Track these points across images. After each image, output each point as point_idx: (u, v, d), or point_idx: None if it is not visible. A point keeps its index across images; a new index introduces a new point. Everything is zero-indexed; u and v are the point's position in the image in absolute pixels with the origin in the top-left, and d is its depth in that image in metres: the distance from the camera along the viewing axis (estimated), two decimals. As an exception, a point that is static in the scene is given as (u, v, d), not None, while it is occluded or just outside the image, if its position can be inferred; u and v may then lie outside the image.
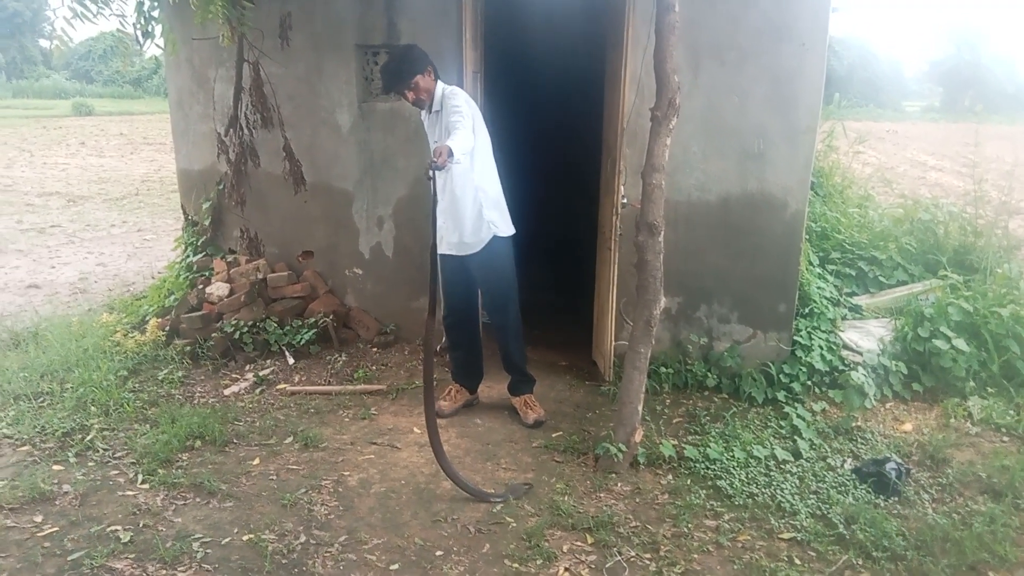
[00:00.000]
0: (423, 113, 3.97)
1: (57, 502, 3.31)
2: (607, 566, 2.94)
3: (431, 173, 3.26)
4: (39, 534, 3.08)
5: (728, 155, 4.42)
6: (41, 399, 4.24)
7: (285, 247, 5.40)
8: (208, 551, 3.00)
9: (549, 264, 6.97)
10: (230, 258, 5.46)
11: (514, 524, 3.21)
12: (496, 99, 5.38)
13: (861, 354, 4.43)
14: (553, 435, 4.01)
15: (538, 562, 2.96)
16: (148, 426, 3.98)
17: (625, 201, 4.31)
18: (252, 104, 5.06)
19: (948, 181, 12.83)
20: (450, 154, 3.28)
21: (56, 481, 3.45)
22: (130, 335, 5.01)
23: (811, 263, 5.09)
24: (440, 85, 3.83)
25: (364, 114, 4.96)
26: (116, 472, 3.57)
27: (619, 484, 3.53)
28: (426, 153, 4.60)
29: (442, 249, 3.97)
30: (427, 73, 3.78)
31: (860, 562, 2.97)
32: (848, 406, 4.22)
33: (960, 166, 15.26)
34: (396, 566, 2.94)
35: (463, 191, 3.85)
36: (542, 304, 6.09)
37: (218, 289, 5.10)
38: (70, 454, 3.69)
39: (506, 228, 3.99)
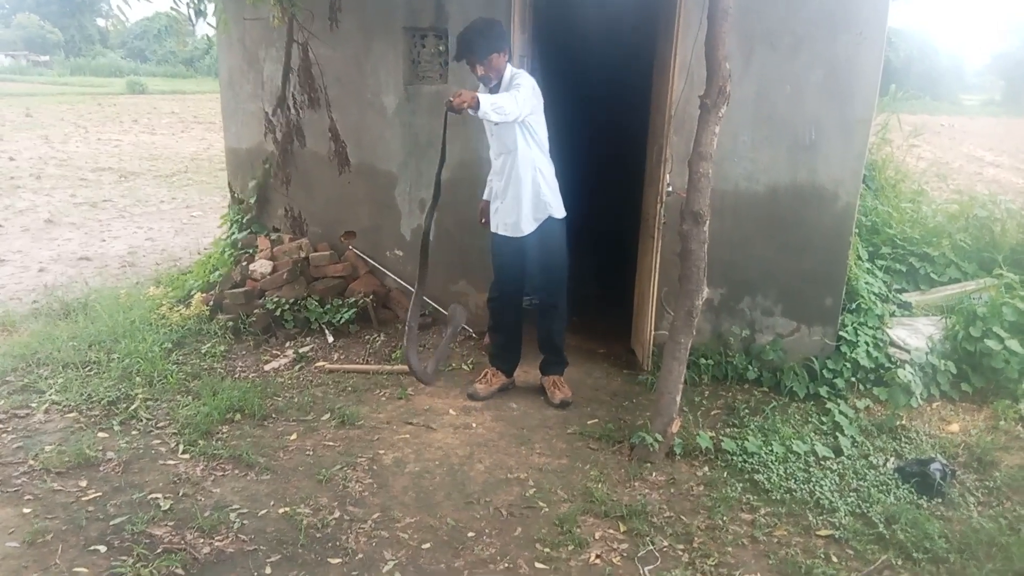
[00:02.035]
0: (482, 92, 3.92)
1: (101, 468, 3.40)
2: (639, 555, 2.92)
3: (446, 114, 3.25)
4: (83, 498, 3.16)
5: (778, 145, 4.32)
6: (88, 368, 4.35)
7: (328, 227, 5.44)
8: (245, 522, 3.05)
9: (591, 252, 6.92)
10: (274, 236, 5.53)
11: (546, 509, 3.21)
12: (544, 84, 5.33)
13: (909, 352, 4.32)
14: (588, 422, 3.99)
15: (570, 548, 2.95)
16: (190, 398, 4.06)
17: (670, 189, 4.25)
18: (300, 85, 5.10)
19: (1006, 177, 12.42)
20: (477, 105, 3.26)
21: (101, 448, 3.55)
22: (175, 309, 5.11)
23: (860, 258, 4.97)
24: (509, 68, 3.81)
25: (410, 96, 4.96)
26: (158, 441, 3.65)
27: (654, 474, 3.50)
28: (470, 137, 4.61)
29: (498, 230, 4.01)
30: (503, 53, 3.75)
31: (899, 563, 2.90)
32: (893, 404, 4.11)
33: (1020, 162, 14.78)
34: (428, 545, 2.95)
35: (524, 172, 3.86)
36: (582, 291, 6.06)
37: (261, 266, 5.17)
38: (115, 422, 3.79)
39: (560, 210, 4.02)
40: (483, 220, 4.23)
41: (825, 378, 4.29)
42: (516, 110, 3.54)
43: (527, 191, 3.90)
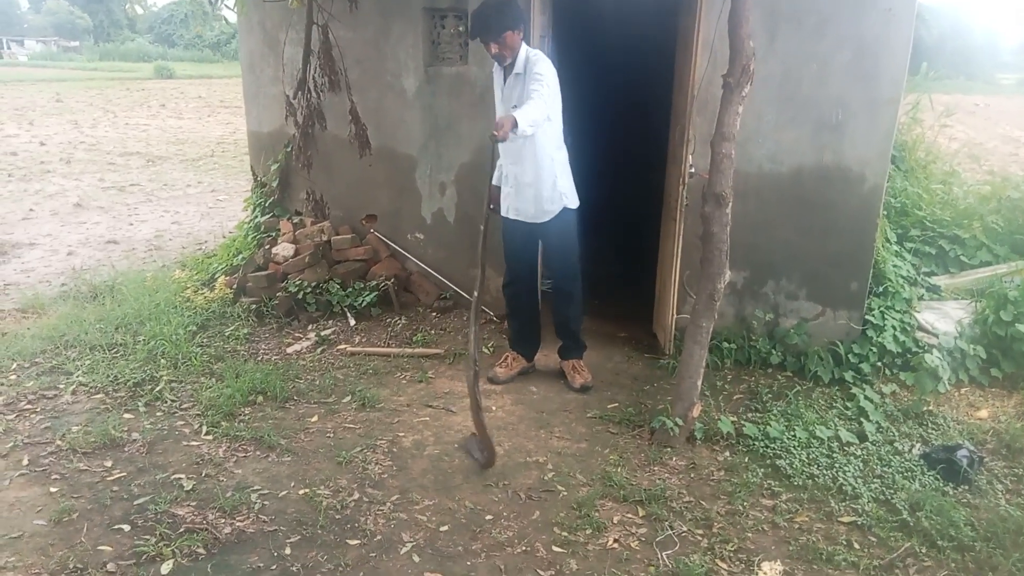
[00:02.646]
0: (496, 73, 3.91)
1: (126, 449, 3.45)
2: (657, 539, 2.91)
3: (493, 147, 3.24)
4: (108, 478, 3.22)
5: (803, 125, 4.23)
6: (115, 350, 4.41)
7: (349, 210, 5.45)
8: (265, 503, 3.08)
9: (612, 234, 6.87)
10: (296, 219, 5.55)
11: (565, 493, 3.20)
12: (563, 64, 5.27)
13: (937, 336, 4.23)
14: (609, 406, 3.97)
15: (588, 531, 2.95)
16: (213, 380, 4.10)
17: (693, 171, 4.19)
18: (320, 67, 5.10)
19: (1042, 159, 12.09)
20: (514, 126, 3.21)
21: (126, 429, 3.60)
22: (200, 292, 5.17)
23: (888, 240, 4.87)
24: (524, 47, 3.76)
25: (430, 78, 4.94)
26: (182, 423, 3.70)
27: (674, 459, 3.47)
28: (491, 119, 4.56)
29: (509, 215, 3.97)
30: (518, 31, 3.69)
31: (924, 550, 2.85)
32: (920, 389, 4.04)
33: (1057, 143, 14.38)
34: (446, 527, 2.96)
35: (543, 160, 3.83)
36: (603, 275, 6.02)
37: (284, 250, 5.19)
38: (140, 403, 3.84)
39: (575, 200, 4.00)
40: (491, 206, 4.14)
41: (850, 363, 4.22)
42: (545, 112, 3.53)
43: (546, 179, 3.86)
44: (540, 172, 3.85)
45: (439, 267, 5.25)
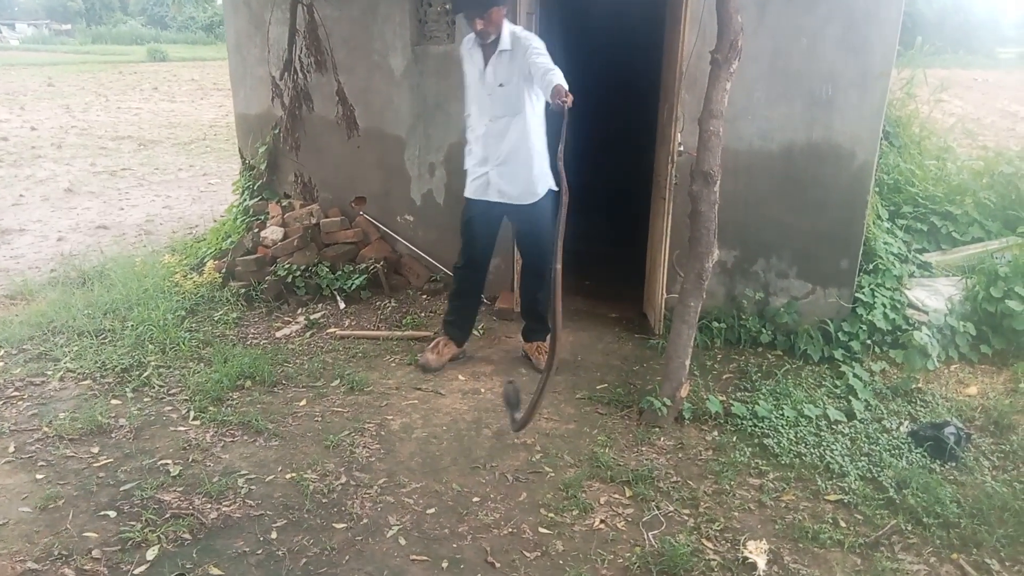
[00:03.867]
0: (471, 51, 3.81)
1: (113, 435, 3.44)
2: (644, 520, 2.91)
3: (565, 113, 3.12)
4: (95, 464, 3.21)
5: (794, 101, 4.19)
6: (103, 336, 4.39)
7: (338, 192, 5.42)
8: (252, 487, 3.08)
9: (602, 214, 6.84)
10: (285, 202, 5.52)
11: (552, 474, 3.20)
12: (550, 42, 5.21)
13: (927, 313, 4.22)
14: (597, 387, 3.96)
15: (574, 512, 2.95)
16: (202, 365, 4.09)
17: (682, 149, 4.15)
18: (306, 47, 5.04)
19: (1040, 133, 12.01)
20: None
21: (113, 415, 3.59)
22: (189, 276, 5.14)
23: (879, 217, 4.84)
24: (507, 24, 3.69)
25: (417, 58, 4.88)
26: (170, 408, 3.69)
27: (662, 439, 3.47)
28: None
29: (494, 198, 3.90)
30: (503, 7, 3.62)
31: (909, 527, 2.86)
32: (909, 367, 4.03)
33: (1055, 117, 14.29)
34: (432, 510, 2.96)
35: (534, 140, 3.77)
36: (594, 255, 6.00)
37: (272, 233, 5.16)
38: (127, 389, 3.83)
39: (553, 181, 3.93)
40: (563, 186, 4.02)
41: (840, 341, 4.21)
42: None
43: (537, 159, 3.80)
44: (530, 151, 3.78)
45: (429, 249, 5.22)
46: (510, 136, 3.76)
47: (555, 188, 3.90)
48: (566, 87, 3.22)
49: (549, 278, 4.03)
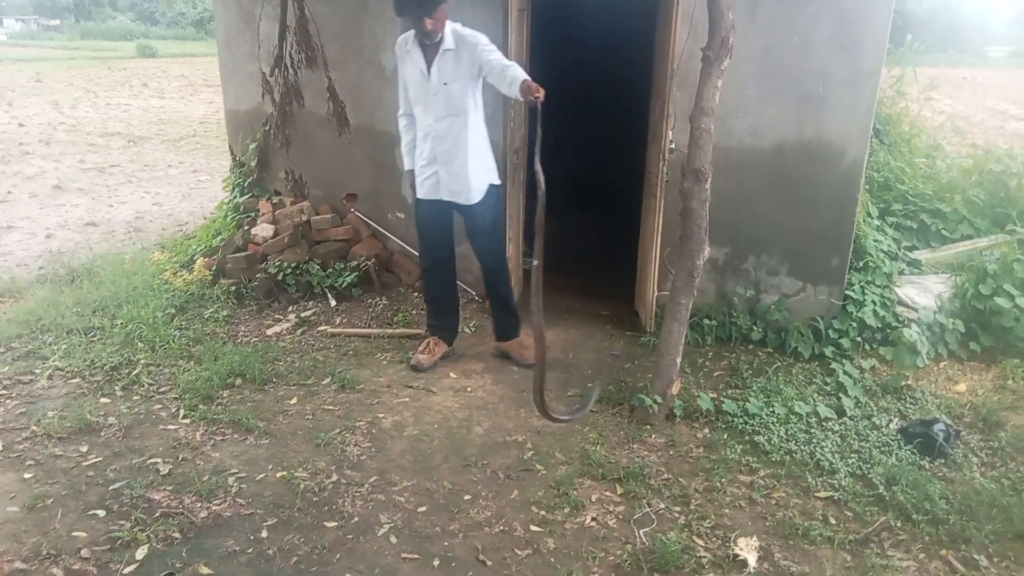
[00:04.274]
0: (409, 52, 3.74)
1: (102, 433, 3.42)
2: (635, 517, 2.91)
3: (538, 108, 3.12)
4: (84, 463, 3.19)
5: (785, 99, 4.20)
6: (92, 334, 4.36)
7: (329, 189, 5.40)
8: (243, 486, 3.07)
9: (594, 211, 6.85)
10: (275, 199, 5.49)
11: (544, 472, 3.20)
12: (543, 38, 5.21)
13: (916, 310, 4.24)
14: (589, 385, 3.96)
15: (566, 510, 2.95)
16: (192, 363, 4.07)
17: (673, 146, 4.15)
18: (297, 43, 5.02)
19: (1029, 131, 12.08)
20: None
21: (102, 413, 3.57)
22: (179, 274, 5.11)
23: (870, 215, 4.86)
24: (448, 23, 3.67)
25: (408, 54, 4.85)
26: (159, 406, 3.67)
27: (653, 436, 3.47)
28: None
29: (444, 196, 3.87)
30: (447, 4, 3.59)
31: (899, 524, 2.87)
32: (899, 364, 4.05)
33: (1044, 115, 14.38)
34: (423, 508, 2.96)
35: (475, 137, 3.78)
36: (586, 252, 6.01)
37: (263, 230, 5.14)
38: (117, 387, 3.81)
39: (497, 175, 3.96)
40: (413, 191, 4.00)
41: (831, 338, 4.23)
42: None
43: (480, 156, 3.81)
44: (476, 149, 3.78)
45: (420, 246, 5.20)
46: (455, 135, 3.74)
47: (497, 183, 3.92)
48: (532, 82, 3.23)
49: (507, 272, 4.07)
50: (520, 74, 3.38)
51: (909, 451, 3.29)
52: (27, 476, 3.09)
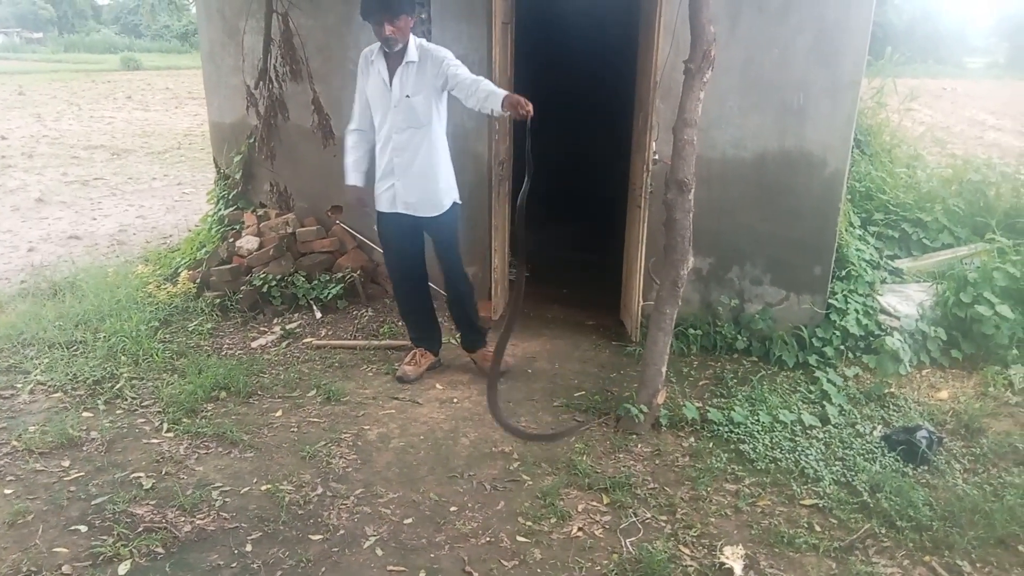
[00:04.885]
0: (372, 64, 3.73)
1: (84, 448, 3.39)
2: (621, 527, 2.91)
3: (531, 125, 3.13)
4: (66, 478, 3.16)
5: (766, 110, 4.24)
6: (74, 348, 4.32)
7: (314, 201, 5.39)
8: (227, 499, 3.04)
9: (579, 221, 6.87)
10: (260, 212, 5.48)
11: (530, 482, 3.20)
12: (526, 51, 5.24)
13: (899, 319, 4.28)
14: (575, 395, 3.97)
15: (552, 521, 2.94)
16: (175, 376, 4.04)
17: (657, 157, 4.18)
18: (281, 56, 5.03)
19: (1007, 141, 12.26)
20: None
21: (85, 428, 3.53)
22: (162, 287, 5.09)
23: (851, 224, 4.91)
24: (414, 37, 3.67)
25: (393, 66, 4.87)
26: (142, 420, 3.64)
27: (639, 446, 3.48)
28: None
29: (400, 209, 3.85)
30: (412, 17, 3.61)
31: (883, 531, 2.89)
32: (882, 372, 4.09)
33: (1022, 125, 14.60)
34: (409, 520, 2.95)
35: (439, 150, 3.76)
36: (571, 262, 6.03)
37: (248, 242, 5.13)
38: (99, 401, 3.77)
39: (458, 194, 3.94)
40: (366, 208, 4.00)
41: (814, 347, 4.26)
42: None
43: (441, 170, 3.79)
44: (435, 163, 3.76)
45: (406, 258, 5.19)
46: (415, 148, 3.73)
47: (459, 201, 3.91)
48: (517, 96, 3.23)
49: (468, 287, 4.08)
50: (494, 88, 3.37)
51: (893, 458, 3.31)
52: (7, 492, 3.05)
